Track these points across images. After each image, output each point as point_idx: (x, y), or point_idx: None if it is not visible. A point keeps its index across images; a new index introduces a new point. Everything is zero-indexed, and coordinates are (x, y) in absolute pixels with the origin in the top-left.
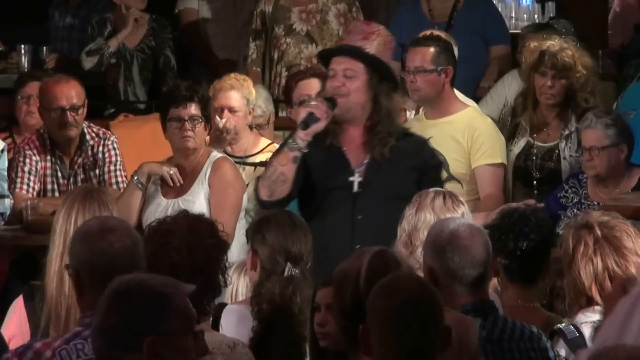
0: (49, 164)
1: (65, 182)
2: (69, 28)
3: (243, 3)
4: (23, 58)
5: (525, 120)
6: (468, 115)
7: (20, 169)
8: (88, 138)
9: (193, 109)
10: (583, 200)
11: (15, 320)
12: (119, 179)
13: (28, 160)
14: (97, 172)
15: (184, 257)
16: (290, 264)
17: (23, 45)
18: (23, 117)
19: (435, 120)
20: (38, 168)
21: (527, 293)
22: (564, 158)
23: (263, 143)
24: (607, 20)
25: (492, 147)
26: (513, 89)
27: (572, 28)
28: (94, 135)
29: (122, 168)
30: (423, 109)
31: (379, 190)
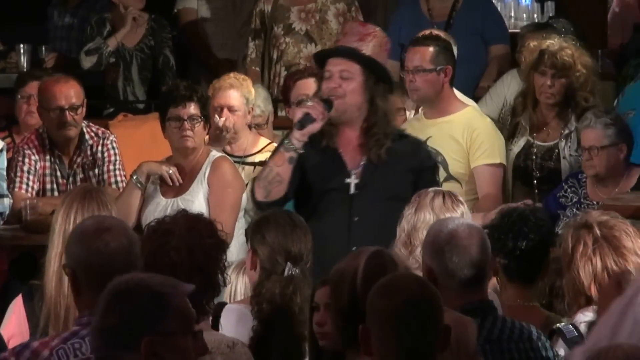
0: (48, 164)
1: (65, 181)
2: (68, 28)
3: (242, 2)
4: (22, 58)
5: (525, 120)
6: (467, 115)
7: (20, 169)
8: (87, 137)
9: (192, 109)
10: (582, 200)
11: (15, 320)
12: (118, 179)
13: (27, 160)
14: (96, 171)
15: (183, 256)
16: (291, 264)
17: (22, 45)
18: (23, 116)
19: (435, 120)
20: (37, 168)
21: (526, 293)
22: (564, 157)
23: (262, 142)
24: (606, 20)
25: (491, 147)
26: (512, 89)
27: (571, 28)
28: (93, 135)
29: (121, 167)
30: (422, 109)
31: (376, 192)
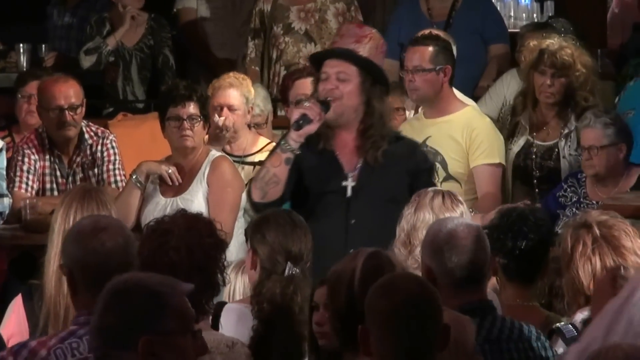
0: (48, 163)
1: (64, 181)
2: (68, 27)
3: (242, 2)
4: (22, 57)
5: (525, 119)
6: (467, 115)
7: (19, 168)
8: (87, 137)
9: (192, 108)
10: (582, 200)
11: (14, 320)
12: (118, 178)
13: (27, 160)
14: (95, 171)
15: (183, 256)
16: (291, 264)
17: (22, 45)
18: (24, 116)
19: (434, 120)
20: (37, 167)
21: (525, 292)
22: (564, 157)
23: (262, 142)
24: (606, 20)
25: (490, 146)
26: (512, 88)
27: (570, 27)
28: (93, 135)
29: (120, 167)
30: (422, 108)
31: (373, 195)
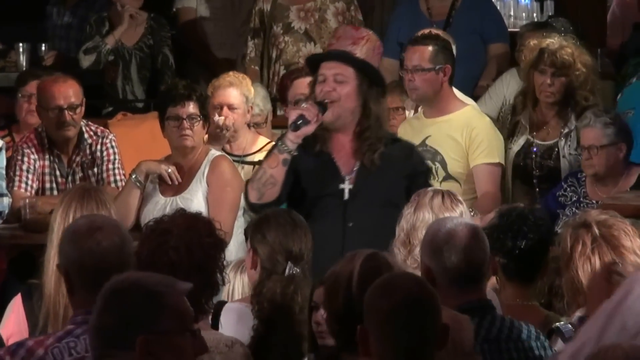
0: (47, 163)
1: (64, 180)
2: (67, 27)
3: (241, 2)
4: (21, 57)
5: (525, 119)
6: (466, 114)
7: (19, 168)
8: (86, 137)
9: (191, 108)
10: (582, 199)
11: (14, 319)
12: (118, 178)
13: (26, 159)
14: (95, 170)
15: (182, 255)
16: (291, 263)
17: (21, 44)
18: (24, 115)
19: (434, 119)
20: (36, 166)
21: (525, 292)
22: (564, 156)
23: (261, 142)
24: (605, 19)
25: (489, 146)
26: (512, 88)
27: (570, 27)
28: (92, 134)
29: (120, 166)
30: (421, 108)
31: (370, 198)
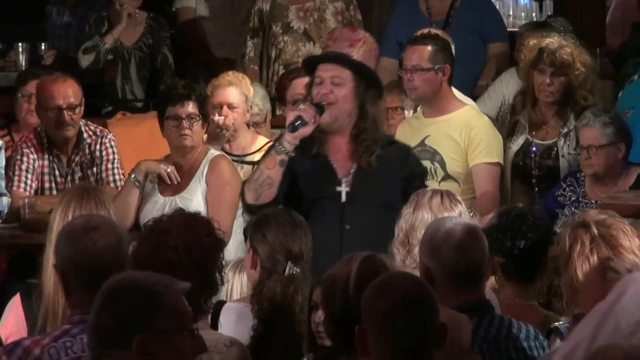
0: (47, 162)
1: (63, 180)
2: (67, 26)
3: (240, 1)
4: (21, 56)
5: (524, 118)
6: (465, 114)
7: (18, 167)
8: (85, 136)
9: (190, 107)
10: (581, 199)
11: (13, 319)
12: (117, 177)
13: (25, 159)
14: (94, 170)
15: (181, 255)
16: (291, 263)
17: (21, 44)
18: (24, 115)
19: (433, 119)
20: (35, 166)
21: (524, 292)
22: (563, 156)
23: (261, 142)
24: (605, 19)
25: (488, 145)
26: (511, 87)
27: (569, 26)
28: (92, 134)
29: (119, 166)
30: (421, 108)
31: (367, 200)
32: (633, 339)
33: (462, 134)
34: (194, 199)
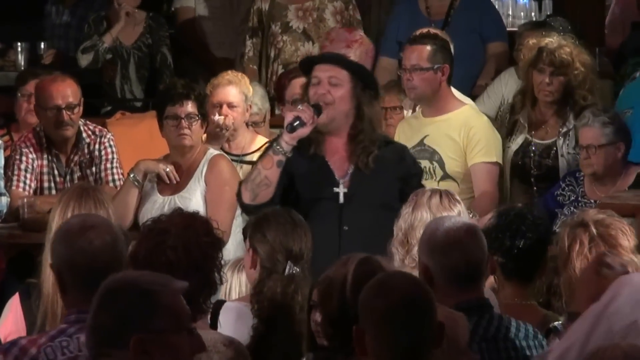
0: (46, 162)
1: (62, 180)
2: (66, 26)
3: (240, 1)
4: (20, 56)
5: (524, 117)
6: (464, 113)
7: (17, 167)
8: (84, 136)
9: (189, 107)
10: (580, 198)
11: (12, 319)
12: (116, 177)
13: (24, 158)
14: (93, 169)
15: (180, 255)
16: (291, 263)
17: (20, 43)
18: (24, 115)
19: (432, 118)
20: (34, 166)
21: (523, 291)
22: (562, 155)
23: (260, 141)
24: (604, 19)
25: (487, 145)
26: (510, 87)
27: (569, 26)
28: (91, 133)
29: (118, 166)
30: (420, 107)
31: (365, 201)
32: (627, 341)
33: (461, 134)
34: (193, 199)
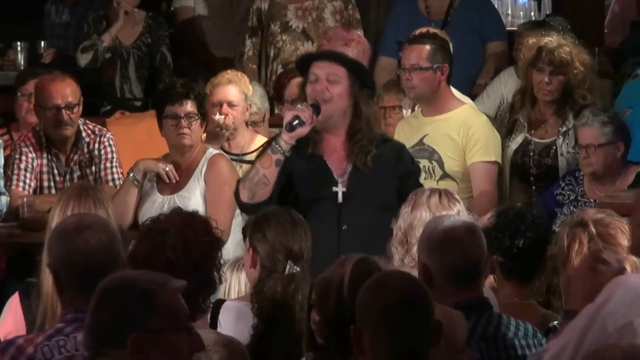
0: (45, 161)
1: (62, 179)
2: (66, 25)
3: (239, 0)
4: (19, 55)
5: (523, 117)
6: (464, 113)
7: (17, 166)
8: (84, 135)
9: (189, 106)
10: (579, 198)
11: (11, 318)
12: (115, 176)
13: (24, 158)
14: (93, 169)
15: (179, 254)
16: (291, 262)
17: (19, 43)
18: (24, 114)
19: (432, 118)
20: (34, 165)
21: (523, 291)
22: (561, 154)
23: (259, 140)
24: (603, 18)
25: (486, 144)
26: (509, 87)
27: (568, 25)
28: (90, 133)
29: (118, 165)
30: (419, 107)
31: (363, 200)
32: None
33: (460, 133)
34: (193, 198)
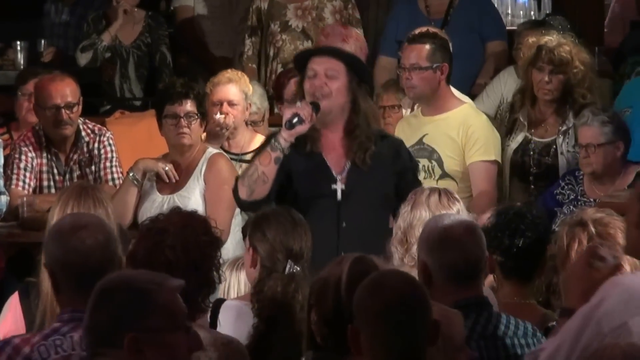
0: (45, 161)
1: (61, 178)
2: (65, 25)
3: (238, 0)
4: (19, 55)
5: (523, 116)
6: (463, 112)
7: (16, 166)
8: (83, 135)
9: (189, 106)
10: (579, 197)
11: (11, 318)
12: (115, 176)
13: (24, 157)
14: (92, 168)
15: (179, 254)
16: (291, 262)
17: (19, 42)
18: (24, 114)
19: (432, 117)
20: (34, 165)
21: (523, 290)
22: (561, 153)
23: (259, 140)
24: (603, 17)
25: (486, 144)
26: (509, 86)
27: (568, 25)
28: (90, 132)
29: (118, 164)
30: (419, 106)
31: (362, 197)
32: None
33: (459, 132)
34: (192, 197)
